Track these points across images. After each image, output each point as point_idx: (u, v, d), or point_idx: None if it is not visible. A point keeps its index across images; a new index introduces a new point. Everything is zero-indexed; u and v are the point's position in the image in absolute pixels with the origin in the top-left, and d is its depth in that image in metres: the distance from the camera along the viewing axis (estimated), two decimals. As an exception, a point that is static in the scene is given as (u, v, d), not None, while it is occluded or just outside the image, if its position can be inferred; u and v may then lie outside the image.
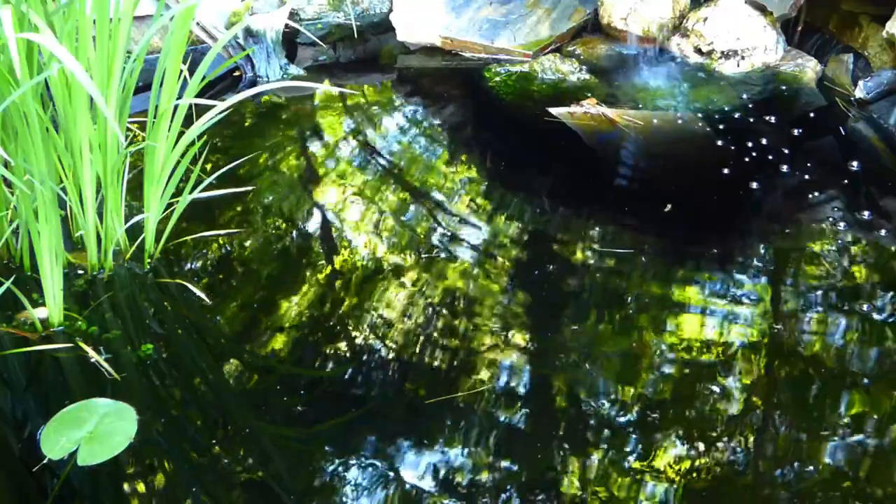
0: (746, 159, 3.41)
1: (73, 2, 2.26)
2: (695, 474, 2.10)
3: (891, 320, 2.60)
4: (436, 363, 2.41)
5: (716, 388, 2.34)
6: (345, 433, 2.19)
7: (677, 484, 2.08)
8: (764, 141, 3.52)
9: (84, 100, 2.33)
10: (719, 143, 3.52)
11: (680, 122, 3.66)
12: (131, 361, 2.35)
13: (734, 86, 3.94)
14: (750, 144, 3.49)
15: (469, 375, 2.36)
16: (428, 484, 2.06)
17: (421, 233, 2.97)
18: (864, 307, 2.65)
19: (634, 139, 3.56)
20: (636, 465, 2.12)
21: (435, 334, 2.50)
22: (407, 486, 2.06)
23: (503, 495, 2.03)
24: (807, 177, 3.29)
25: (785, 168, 3.34)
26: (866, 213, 3.09)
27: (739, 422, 2.25)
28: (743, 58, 4.03)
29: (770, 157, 3.41)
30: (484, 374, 2.36)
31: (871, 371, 2.42)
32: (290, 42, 4.15)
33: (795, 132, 3.62)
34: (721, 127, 3.63)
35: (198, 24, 3.89)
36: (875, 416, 2.27)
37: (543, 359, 2.45)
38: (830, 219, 3.07)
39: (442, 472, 2.09)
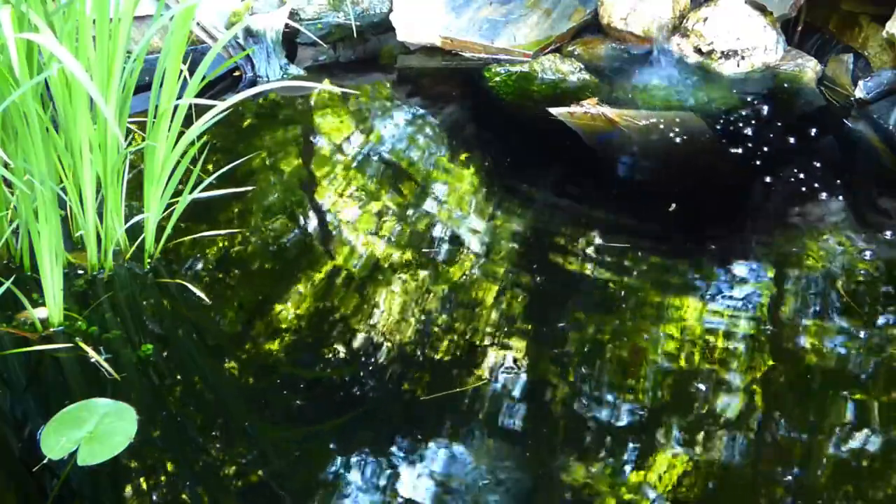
0: (746, 159, 3.41)
1: (73, 2, 2.25)
2: (693, 473, 2.10)
3: (891, 320, 2.60)
4: (435, 362, 2.41)
5: (715, 388, 2.34)
6: (345, 432, 2.19)
7: (676, 483, 2.08)
8: (764, 141, 3.52)
9: (84, 100, 2.33)
10: (719, 143, 3.53)
11: (680, 122, 3.66)
12: (131, 361, 2.35)
13: (734, 86, 3.94)
14: (749, 144, 3.50)
15: (469, 373, 2.36)
16: (427, 481, 2.06)
17: (420, 232, 2.97)
18: (864, 307, 2.65)
19: (634, 139, 3.56)
20: (635, 463, 2.12)
21: (434, 333, 2.50)
22: (406, 484, 2.06)
23: (502, 493, 2.03)
24: (806, 177, 3.29)
25: (784, 168, 3.34)
26: (866, 213, 3.09)
27: (738, 422, 2.25)
28: (743, 58, 4.03)
29: (770, 157, 3.41)
30: (483, 372, 2.36)
31: (871, 372, 2.42)
32: (290, 42, 4.15)
33: (795, 132, 3.62)
34: (721, 127, 3.63)
35: (198, 24, 3.89)
36: (875, 418, 2.27)
37: (541, 357, 2.45)
38: (830, 219, 3.07)
39: (441, 470, 2.09)
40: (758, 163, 3.38)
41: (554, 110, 3.72)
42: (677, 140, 3.53)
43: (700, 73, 4.04)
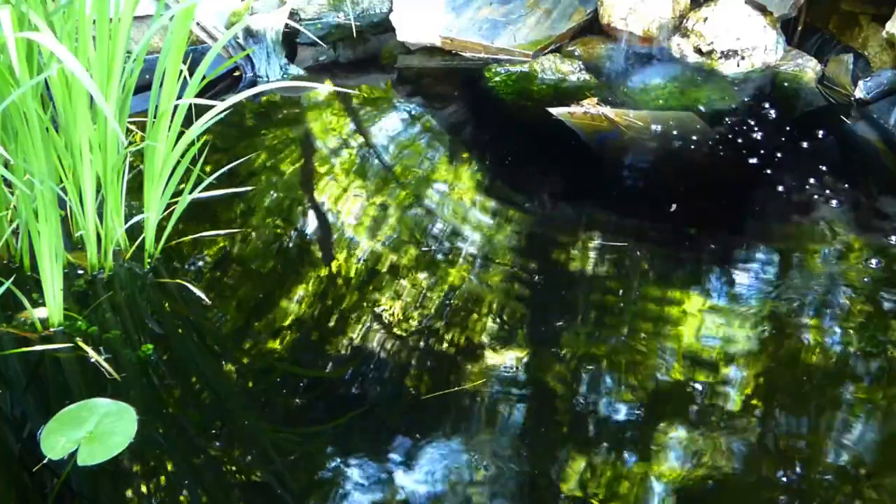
0: (746, 159, 3.41)
1: (73, 2, 2.26)
2: (692, 472, 2.10)
3: (891, 321, 2.60)
4: (435, 361, 2.41)
5: (715, 388, 2.34)
6: (344, 432, 2.19)
7: (675, 483, 2.08)
8: (763, 141, 3.52)
9: (84, 100, 2.33)
10: (719, 143, 3.52)
11: (679, 122, 3.66)
12: (131, 361, 2.35)
13: (734, 86, 3.94)
14: (749, 144, 3.50)
15: (469, 372, 2.36)
16: (427, 481, 2.06)
17: (420, 232, 2.97)
18: (864, 307, 2.65)
19: (634, 139, 3.56)
20: (634, 462, 2.12)
21: (434, 332, 2.50)
22: (406, 483, 2.06)
23: (502, 492, 2.03)
24: (806, 177, 3.29)
25: (784, 168, 3.34)
26: (866, 213, 3.09)
27: (738, 422, 2.25)
28: (743, 58, 4.03)
29: (769, 157, 3.41)
30: (483, 371, 2.36)
31: (870, 372, 2.42)
32: (290, 42, 4.15)
33: (795, 132, 3.62)
34: (721, 127, 3.63)
35: (198, 24, 3.89)
36: (876, 419, 2.27)
37: (541, 356, 2.45)
38: (830, 219, 3.07)
39: (441, 469, 2.09)
40: (758, 163, 3.38)
41: (554, 110, 3.73)
42: (677, 140, 3.53)
43: (700, 72, 4.04)
